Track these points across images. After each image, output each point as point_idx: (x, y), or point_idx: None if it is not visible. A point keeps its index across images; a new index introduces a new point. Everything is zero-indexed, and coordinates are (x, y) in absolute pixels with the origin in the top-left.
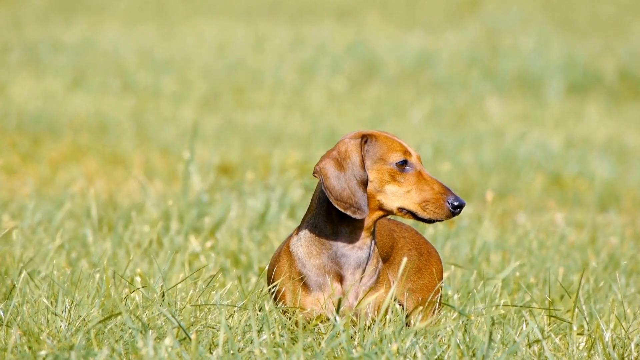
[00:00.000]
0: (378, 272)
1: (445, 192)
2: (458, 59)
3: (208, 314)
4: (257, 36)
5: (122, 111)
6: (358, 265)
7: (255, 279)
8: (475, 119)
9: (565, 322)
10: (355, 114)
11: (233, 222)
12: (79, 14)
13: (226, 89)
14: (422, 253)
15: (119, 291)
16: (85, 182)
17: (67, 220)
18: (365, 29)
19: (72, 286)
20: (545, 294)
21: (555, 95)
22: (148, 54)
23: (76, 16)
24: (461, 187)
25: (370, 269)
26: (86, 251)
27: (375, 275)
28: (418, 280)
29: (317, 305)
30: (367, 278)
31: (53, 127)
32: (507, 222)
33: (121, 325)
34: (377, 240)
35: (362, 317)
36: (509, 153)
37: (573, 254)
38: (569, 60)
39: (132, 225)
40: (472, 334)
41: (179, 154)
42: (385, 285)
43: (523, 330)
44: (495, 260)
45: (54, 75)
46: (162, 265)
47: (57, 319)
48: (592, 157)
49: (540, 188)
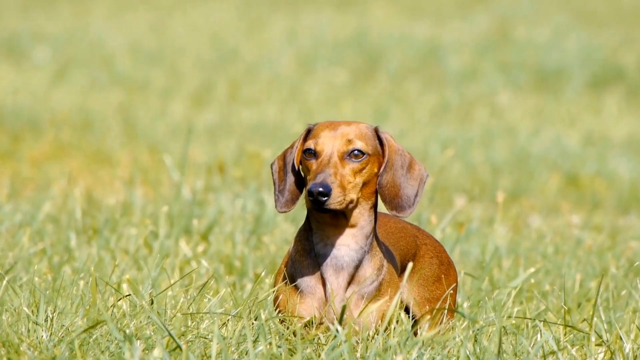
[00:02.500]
0: (381, 279)
1: (313, 178)
2: (468, 51)
3: (200, 323)
4: (252, 26)
5: (109, 106)
6: (339, 267)
7: (250, 285)
8: (486, 115)
9: (582, 333)
10: (356, 110)
11: (226, 224)
12: (62, 2)
13: (219, 83)
14: (442, 262)
15: (104, 299)
16: (69, 182)
17: (48, 223)
18: (367, 18)
19: (54, 293)
20: (561, 302)
21: (572, 90)
22: (136, 45)
23: (59, 5)
24: (471, 188)
25: (365, 274)
26: (69, 256)
27: (377, 282)
28: (436, 290)
29: (307, 312)
30: (362, 285)
31: (34, 123)
32: (520, 225)
33: (107, 335)
34: (401, 245)
35: (365, 327)
36: (522, 151)
37: (591, 259)
38: (587, 52)
39: (118, 228)
40: (483, 345)
41: (168, 152)
42: (390, 292)
43: (537, 341)
44: (507, 266)
45: (36, 68)
46: (150, 271)
47: (38, 329)
48: (612, 156)
49: (555, 189)
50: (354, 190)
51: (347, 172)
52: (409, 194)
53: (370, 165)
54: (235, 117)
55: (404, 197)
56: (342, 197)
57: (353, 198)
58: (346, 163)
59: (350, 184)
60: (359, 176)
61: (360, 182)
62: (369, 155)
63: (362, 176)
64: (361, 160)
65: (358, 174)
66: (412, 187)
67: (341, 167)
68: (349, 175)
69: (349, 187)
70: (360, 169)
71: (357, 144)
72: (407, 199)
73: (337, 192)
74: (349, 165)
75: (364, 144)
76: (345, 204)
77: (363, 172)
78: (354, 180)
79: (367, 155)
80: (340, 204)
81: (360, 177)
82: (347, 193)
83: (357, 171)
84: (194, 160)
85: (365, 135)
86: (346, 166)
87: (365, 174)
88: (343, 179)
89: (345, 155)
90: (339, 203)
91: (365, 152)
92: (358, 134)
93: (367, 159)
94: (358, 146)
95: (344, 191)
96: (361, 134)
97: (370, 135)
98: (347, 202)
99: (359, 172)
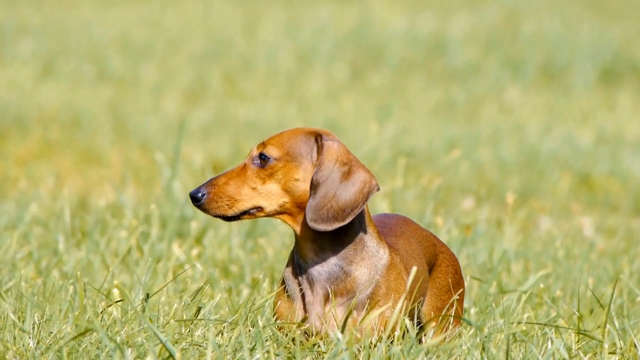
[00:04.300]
0: (371, 291)
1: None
2: (474, 45)
3: (194, 330)
4: (248, 18)
5: (98, 103)
6: (312, 281)
7: (247, 291)
8: (494, 112)
9: (595, 340)
10: (357, 105)
11: (222, 227)
12: None
13: (214, 78)
14: (457, 271)
15: (94, 305)
16: (57, 182)
17: (36, 225)
18: (369, 10)
19: (42, 299)
20: (573, 308)
21: (583, 85)
22: (126, 38)
23: None
24: (478, 189)
25: (353, 286)
26: (58, 260)
27: (366, 293)
28: (447, 300)
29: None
30: (348, 297)
31: (20, 120)
32: (529, 227)
33: (97, 343)
34: (427, 255)
35: (367, 334)
36: (531, 150)
37: (604, 263)
38: (599, 45)
39: (108, 230)
40: (491, 353)
41: (161, 151)
42: (393, 299)
43: (548, 349)
44: (516, 270)
45: (20, 62)
46: (142, 276)
47: (25, 336)
48: (626, 154)
49: (566, 189)
50: (262, 197)
51: (249, 177)
52: (343, 205)
53: (283, 171)
54: (231, 113)
55: (335, 208)
56: (221, 203)
57: (260, 205)
58: (252, 168)
59: (255, 190)
60: (270, 182)
61: (275, 189)
62: (275, 160)
63: (277, 182)
64: (266, 165)
65: (269, 180)
66: (349, 199)
67: (244, 172)
68: (252, 181)
69: (251, 193)
70: (269, 174)
71: (266, 149)
72: (337, 210)
73: (212, 197)
74: (253, 170)
75: (275, 149)
76: (239, 211)
77: (276, 178)
78: (261, 185)
79: (274, 160)
80: (223, 210)
81: (274, 183)
82: (241, 199)
83: (264, 176)
84: (187, 159)
85: (285, 142)
86: (249, 171)
87: (282, 180)
88: (237, 185)
89: (254, 160)
90: (218, 209)
91: (269, 157)
92: (277, 140)
93: (273, 163)
94: (265, 150)
95: (227, 198)
96: (281, 140)
97: (299, 143)
98: (242, 209)
99: (269, 178)
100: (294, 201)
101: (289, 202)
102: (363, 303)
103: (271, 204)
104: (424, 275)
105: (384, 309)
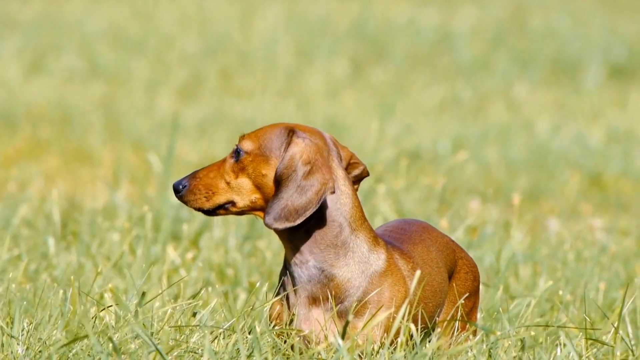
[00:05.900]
0: (360, 295)
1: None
2: (481, 40)
3: (190, 337)
4: (245, 11)
5: (89, 100)
6: (294, 282)
7: (244, 295)
8: (501, 109)
9: (606, 346)
10: (359, 102)
11: (218, 229)
12: None
13: (210, 74)
14: (475, 278)
15: (85, 310)
16: (46, 182)
17: (24, 227)
18: (371, 3)
19: (31, 304)
20: (583, 313)
21: (594, 81)
22: (118, 33)
23: None
24: (485, 189)
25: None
26: (48, 263)
27: (356, 297)
28: (464, 307)
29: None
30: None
31: (8, 118)
32: (538, 229)
33: (88, 350)
34: (447, 261)
35: (370, 341)
36: (540, 149)
37: (616, 266)
38: (611, 40)
39: (100, 233)
40: (500, 359)
41: (154, 150)
42: (395, 304)
43: (557, 355)
44: (524, 274)
45: (9, 58)
46: (136, 280)
47: (13, 342)
48: (638, 154)
49: (577, 189)
50: (234, 192)
51: (225, 171)
52: (297, 206)
53: (252, 165)
54: (228, 111)
55: (289, 208)
56: (199, 195)
57: (233, 200)
58: (229, 161)
59: (229, 184)
60: (242, 176)
61: (246, 184)
62: (246, 154)
63: (248, 177)
64: (238, 159)
65: (241, 174)
66: (304, 200)
67: (223, 166)
68: (227, 174)
69: (225, 187)
70: (241, 168)
71: (242, 142)
72: (292, 210)
73: (191, 189)
74: (230, 164)
75: (249, 143)
76: (215, 204)
77: (247, 173)
78: (234, 180)
79: (244, 154)
80: (200, 202)
81: (245, 178)
82: (217, 193)
83: (237, 170)
84: (182, 158)
85: (260, 135)
86: (227, 164)
87: (252, 175)
88: (214, 179)
89: (233, 154)
90: (196, 201)
91: (241, 150)
92: (255, 133)
93: (244, 157)
94: (240, 144)
95: (205, 191)
96: (258, 134)
97: (272, 137)
98: (218, 203)
99: (241, 172)
100: (265, 198)
101: (261, 199)
102: (350, 309)
103: (243, 199)
104: (442, 285)
105: (384, 316)
